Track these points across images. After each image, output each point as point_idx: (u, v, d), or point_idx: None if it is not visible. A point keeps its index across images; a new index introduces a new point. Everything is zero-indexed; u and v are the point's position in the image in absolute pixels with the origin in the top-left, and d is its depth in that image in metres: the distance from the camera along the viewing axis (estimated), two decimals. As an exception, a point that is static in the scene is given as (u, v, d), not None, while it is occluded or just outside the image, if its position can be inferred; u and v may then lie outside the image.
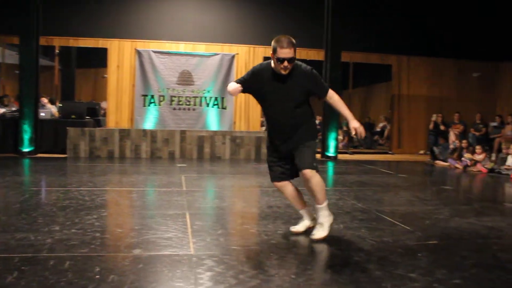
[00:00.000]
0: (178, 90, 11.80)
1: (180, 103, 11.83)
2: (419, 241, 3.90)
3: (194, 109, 11.88)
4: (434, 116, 12.89)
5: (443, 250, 3.68)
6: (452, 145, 11.11)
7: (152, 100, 11.69)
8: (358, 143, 14.22)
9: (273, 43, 3.58)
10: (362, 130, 3.67)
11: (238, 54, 12.15)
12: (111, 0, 11.73)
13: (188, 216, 4.53)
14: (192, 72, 11.85)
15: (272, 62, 3.67)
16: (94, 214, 4.53)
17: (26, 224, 4.06)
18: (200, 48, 12.09)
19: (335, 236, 3.98)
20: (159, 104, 11.72)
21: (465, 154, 9.81)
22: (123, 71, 11.80)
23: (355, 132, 3.66)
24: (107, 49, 11.75)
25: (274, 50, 3.56)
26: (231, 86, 3.67)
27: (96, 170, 8.01)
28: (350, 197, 5.92)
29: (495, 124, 12.19)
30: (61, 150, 10.17)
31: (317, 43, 11.73)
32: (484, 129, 12.07)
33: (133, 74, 11.74)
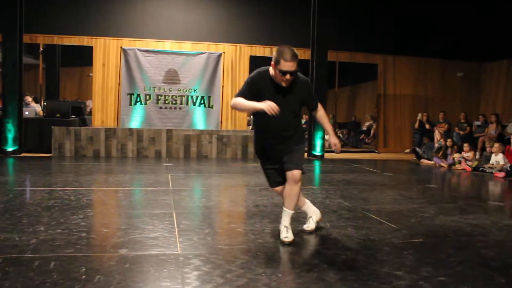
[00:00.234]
0: (164, 89, 11.75)
1: (167, 102, 11.78)
2: (405, 239, 3.94)
3: (180, 108, 11.84)
4: (420, 115, 13.02)
5: (429, 247, 3.72)
6: (437, 144, 11.23)
7: (138, 99, 11.62)
8: (344, 143, 14.29)
9: (275, 54, 3.48)
10: (339, 147, 3.84)
11: (224, 53, 12.14)
12: (97, -2, 11.64)
13: (174, 216, 4.51)
14: (178, 70, 11.81)
15: (270, 69, 3.60)
16: (79, 214, 4.49)
17: (10, 224, 4.01)
18: (186, 46, 12.05)
19: (322, 234, 4.00)
20: (145, 103, 11.66)
21: (455, 155, 9.94)
22: (109, 69, 11.72)
23: (334, 147, 3.83)
24: (92, 47, 11.66)
25: (277, 62, 3.45)
26: (266, 105, 3.39)
27: (82, 169, 7.94)
28: (337, 195, 5.95)
29: (479, 123, 12.34)
30: (46, 149, 10.07)
31: (304, 42, 11.74)
32: (468, 128, 12.21)
33: (119, 73, 11.66)
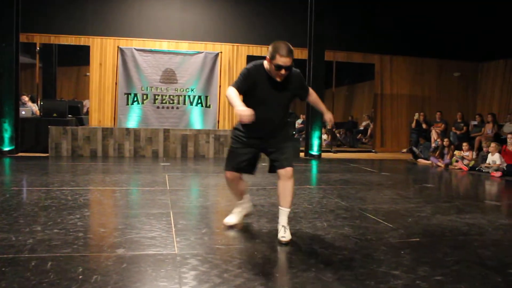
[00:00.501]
0: (161, 88, 11.74)
1: (164, 101, 11.77)
2: (402, 239, 3.94)
3: (177, 108, 11.84)
4: (417, 114, 13.04)
5: (425, 247, 3.73)
6: (434, 144, 11.25)
7: (135, 99, 11.61)
8: (341, 142, 14.31)
9: (271, 48, 3.51)
10: (332, 121, 3.97)
11: (221, 52, 12.14)
12: (93, -2, 11.63)
13: (172, 215, 4.51)
14: (175, 70, 11.80)
15: (265, 63, 3.62)
16: (76, 213, 4.48)
17: (6, 224, 4.00)
18: (184, 46, 12.05)
19: (319, 234, 4.00)
20: (142, 103, 11.65)
21: (455, 152, 9.97)
22: (106, 69, 11.71)
23: (330, 121, 3.92)
24: (89, 46, 11.65)
25: (272, 56, 3.48)
26: (244, 112, 3.31)
27: (79, 169, 7.92)
28: (334, 195, 5.95)
29: (475, 123, 12.38)
30: (42, 149, 10.04)
31: (301, 42, 11.75)
32: (465, 128, 12.25)
33: (116, 72, 11.65)
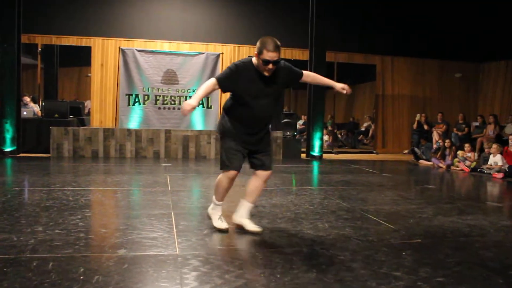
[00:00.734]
0: (162, 89, 11.74)
1: (165, 102, 11.78)
2: (403, 240, 3.94)
3: (179, 109, 11.83)
4: (418, 115, 13.03)
5: (427, 248, 3.72)
6: (435, 145, 11.24)
7: (136, 100, 11.61)
8: (342, 143, 14.31)
9: (259, 44, 3.59)
10: (348, 88, 3.89)
11: (223, 53, 12.14)
12: (95, -2, 11.64)
13: (173, 216, 4.51)
14: (176, 71, 11.80)
15: (254, 60, 3.70)
16: (78, 214, 4.48)
17: (8, 224, 4.00)
18: (185, 47, 12.05)
19: (320, 235, 4.00)
20: (144, 104, 11.65)
21: (458, 153, 9.95)
22: (107, 70, 11.72)
23: (345, 90, 3.88)
24: (90, 47, 11.65)
25: (260, 52, 3.57)
26: (188, 106, 3.54)
27: (80, 170, 7.93)
28: (335, 196, 5.95)
29: (477, 124, 12.36)
30: (44, 150, 10.06)
31: (302, 43, 11.77)
32: (466, 129, 12.24)
33: (117, 73, 11.66)
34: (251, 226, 3.97)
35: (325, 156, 11.57)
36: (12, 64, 9.85)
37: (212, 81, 3.73)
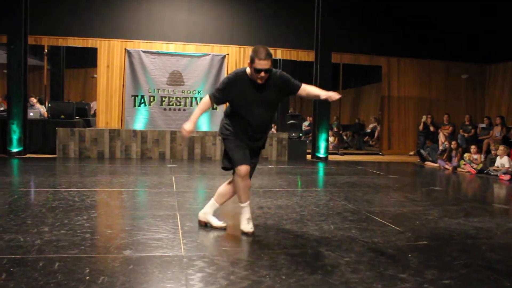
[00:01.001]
0: (168, 90, 11.77)
1: (171, 103, 11.80)
2: (409, 242, 3.92)
3: (184, 110, 11.86)
4: (424, 117, 12.98)
5: (433, 250, 3.70)
6: (441, 146, 11.19)
7: (142, 101, 11.65)
8: (348, 145, 14.27)
9: (251, 53, 3.67)
10: (334, 94, 3.66)
11: (228, 54, 12.15)
12: (101, 0, 11.68)
13: (178, 217, 4.51)
14: (182, 72, 11.83)
15: (247, 69, 3.77)
16: (84, 215, 4.50)
17: (14, 225, 4.02)
18: (190, 48, 12.08)
19: (326, 236, 3.99)
20: (149, 105, 11.69)
21: (465, 155, 9.90)
22: (113, 71, 11.76)
23: (327, 97, 3.67)
24: (97, 49, 11.70)
25: (252, 60, 3.64)
26: (185, 131, 3.74)
27: (86, 170, 7.95)
28: (341, 198, 5.93)
29: (483, 125, 12.30)
30: (50, 151, 10.10)
31: (308, 44, 11.77)
32: (473, 131, 12.18)
33: (123, 74, 11.69)
34: (249, 226, 4.02)
35: (330, 157, 11.56)
36: (19, 65, 9.91)
37: (206, 98, 3.86)
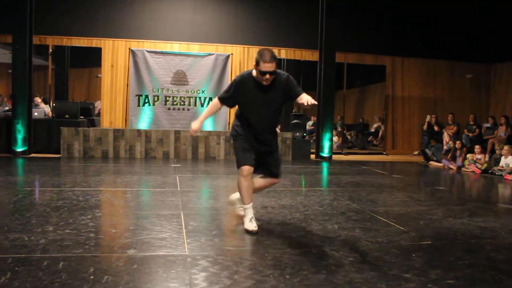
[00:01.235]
0: (172, 90, 11.78)
1: (175, 103, 11.81)
2: (413, 242, 3.92)
3: (188, 109, 11.87)
4: (428, 117, 12.95)
5: (437, 250, 3.70)
6: (446, 146, 11.16)
7: (146, 100, 11.66)
8: (352, 144, 14.26)
9: (256, 56, 3.84)
10: (309, 98, 3.66)
11: (232, 54, 12.15)
12: (105, 0, 11.71)
13: (182, 217, 4.52)
14: (186, 72, 11.84)
15: (253, 72, 3.93)
16: (88, 214, 4.51)
17: (19, 224, 4.04)
18: (195, 48, 12.08)
19: (330, 236, 3.99)
20: (154, 104, 11.70)
21: (468, 155, 9.86)
22: (117, 71, 11.78)
23: (304, 102, 3.64)
24: (101, 48, 11.72)
25: (257, 63, 3.81)
26: (192, 131, 4.06)
27: (90, 170, 7.97)
28: (345, 197, 5.93)
29: (488, 125, 12.26)
30: (54, 150, 10.13)
31: (312, 44, 11.75)
32: (477, 130, 12.14)
33: (127, 74, 11.71)
34: (253, 224, 4.07)
35: (334, 157, 11.55)
36: (24, 65, 9.94)
37: (215, 101, 4.10)
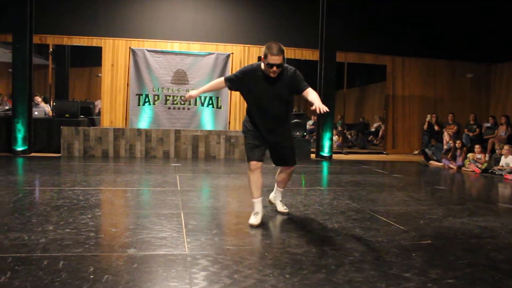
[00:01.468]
0: (173, 89, 11.78)
1: (175, 102, 11.81)
2: (413, 241, 3.92)
3: (189, 109, 11.87)
4: (429, 116, 12.95)
5: (437, 249, 3.70)
6: (446, 146, 11.16)
7: (146, 100, 11.66)
8: (352, 144, 14.26)
9: (264, 49, 3.97)
10: (323, 106, 3.67)
11: (233, 53, 12.15)
12: (106, -1, 11.71)
13: (182, 216, 4.52)
14: (187, 71, 11.83)
15: (262, 64, 4.07)
16: (88, 213, 4.51)
17: (19, 223, 4.04)
18: (195, 47, 12.07)
19: (330, 235, 3.99)
20: (154, 104, 11.70)
21: (469, 155, 9.85)
22: (118, 70, 11.78)
23: (316, 108, 3.69)
24: (101, 48, 11.71)
25: (265, 56, 3.95)
26: (188, 96, 4.27)
27: (90, 169, 7.98)
28: (345, 197, 5.93)
29: (488, 125, 12.25)
30: (55, 149, 10.14)
31: (312, 43, 11.74)
32: (477, 130, 12.13)
33: (128, 73, 11.71)
34: (280, 207, 4.81)
35: (334, 156, 11.55)
36: (24, 64, 9.94)
37: (220, 79, 4.29)
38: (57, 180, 6.62)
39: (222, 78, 4.26)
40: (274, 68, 3.94)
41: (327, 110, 3.70)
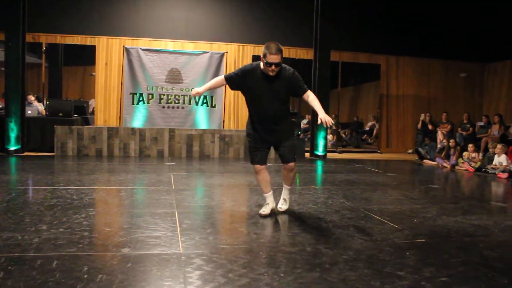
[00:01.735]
0: (167, 88, 11.75)
1: (169, 101, 11.78)
2: (407, 239, 3.93)
3: (183, 108, 11.85)
4: (423, 115, 13.00)
5: (431, 248, 3.71)
6: (440, 145, 11.21)
7: (140, 98, 11.63)
8: (346, 143, 14.29)
9: (263, 49, 4.08)
10: (328, 119, 3.96)
11: (227, 52, 12.14)
12: (100, -3, 11.66)
13: (177, 215, 4.51)
14: (181, 70, 11.81)
15: (261, 64, 4.17)
16: (82, 213, 4.49)
17: (12, 223, 4.02)
18: (189, 46, 12.05)
19: (324, 234, 3.99)
20: (148, 102, 11.67)
21: (464, 153, 9.88)
22: (111, 69, 11.73)
23: (321, 121, 3.96)
24: (95, 46, 11.67)
25: (264, 55, 4.07)
26: (195, 92, 4.32)
27: (84, 168, 7.95)
28: (339, 195, 5.94)
29: (481, 124, 12.31)
30: (48, 149, 10.09)
31: (307, 42, 11.75)
32: (471, 129, 12.19)
33: (122, 72, 11.67)
34: (279, 204, 4.82)
35: (329, 155, 11.57)
36: (17, 63, 9.88)
37: (221, 77, 4.41)
38: (51, 179, 6.59)
39: (222, 76, 4.39)
40: (273, 67, 4.07)
41: (333, 122, 3.99)
